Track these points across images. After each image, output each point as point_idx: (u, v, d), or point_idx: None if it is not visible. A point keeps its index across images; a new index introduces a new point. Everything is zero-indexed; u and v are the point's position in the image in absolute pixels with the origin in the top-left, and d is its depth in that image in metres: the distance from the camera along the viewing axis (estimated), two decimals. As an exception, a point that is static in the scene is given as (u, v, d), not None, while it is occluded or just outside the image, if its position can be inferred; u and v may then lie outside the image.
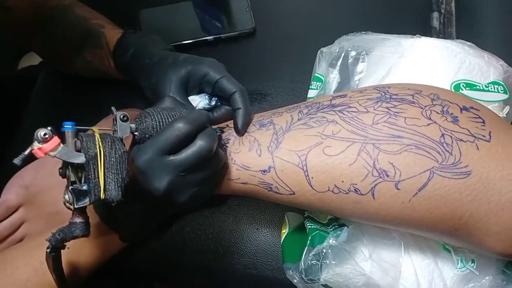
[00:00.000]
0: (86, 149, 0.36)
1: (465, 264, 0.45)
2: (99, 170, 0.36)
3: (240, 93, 0.48)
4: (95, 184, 0.36)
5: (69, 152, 0.35)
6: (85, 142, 0.36)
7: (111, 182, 0.36)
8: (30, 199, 0.54)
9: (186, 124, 0.39)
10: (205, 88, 0.51)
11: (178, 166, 0.39)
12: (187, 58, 0.52)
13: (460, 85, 0.49)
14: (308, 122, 0.43)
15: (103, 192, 0.36)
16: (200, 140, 0.39)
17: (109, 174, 0.36)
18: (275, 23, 0.73)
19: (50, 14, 0.63)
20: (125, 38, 0.59)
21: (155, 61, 0.53)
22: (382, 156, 0.38)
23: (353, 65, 0.55)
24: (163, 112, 0.41)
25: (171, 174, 0.39)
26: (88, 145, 0.36)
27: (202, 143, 0.39)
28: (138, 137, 0.40)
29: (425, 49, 0.52)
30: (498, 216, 0.37)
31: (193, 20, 0.74)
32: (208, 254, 0.58)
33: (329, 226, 0.49)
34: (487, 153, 0.37)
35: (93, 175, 0.36)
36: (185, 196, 0.41)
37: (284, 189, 0.42)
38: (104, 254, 0.50)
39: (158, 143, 0.38)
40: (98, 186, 0.36)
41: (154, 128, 0.40)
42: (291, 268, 0.48)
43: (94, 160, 0.36)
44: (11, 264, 0.47)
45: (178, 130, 0.38)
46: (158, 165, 0.38)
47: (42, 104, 0.73)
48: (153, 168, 0.38)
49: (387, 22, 0.70)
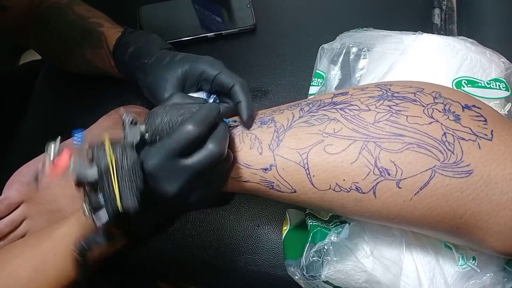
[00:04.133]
0: (97, 160, 0.35)
1: (466, 261, 0.45)
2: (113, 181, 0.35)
3: (240, 86, 0.47)
4: (110, 195, 0.35)
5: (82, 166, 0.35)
6: (96, 152, 0.35)
7: (126, 191, 0.35)
8: (31, 196, 0.55)
9: (195, 126, 0.38)
10: (203, 86, 0.51)
11: (189, 171, 0.38)
12: (184, 57, 0.51)
13: (461, 82, 0.49)
14: (310, 120, 0.43)
15: (119, 202, 0.35)
16: (212, 143, 0.38)
17: (123, 183, 0.35)
18: (276, 19, 0.73)
19: (47, 13, 0.63)
20: (124, 38, 0.58)
21: (153, 60, 0.53)
22: (383, 154, 0.38)
23: (355, 62, 0.55)
24: (172, 111, 0.40)
25: (182, 177, 0.38)
26: (99, 157, 0.35)
27: (213, 148, 0.38)
28: (148, 139, 0.40)
29: (426, 46, 0.52)
30: (499, 215, 0.37)
31: (193, 16, 0.74)
32: (210, 251, 0.58)
33: (331, 223, 0.49)
34: (489, 152, 0.37)
35: (108, 187, 0.35)
36: (194, 198, 0.41)
37: (285, 187, 0.42)
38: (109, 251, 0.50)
39: (168, 146, 0.37)
40: (113, 198, 0.35)
41: (164, 130, 0.39)
42: (293, 265, 0.48)
43: (107, 171, 0.35)
44: (11, 263, 0.46)
45: (188, 133, 0.37)
46: (168, 169, 0.38)
47: (44, 99, 0.73)
48: (163, 172, 0.38)
49: (389, 18, 0.70)
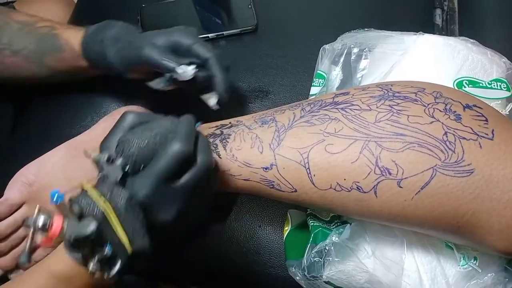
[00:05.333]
0: (91, 211, 0.32)
1: (468, 261, 0.45)
2: (116, 226, 0.32)
3: (215, 59, 0.47)
4: (118, 242, 0.32)
5: (77, 225, 0.31)
6: (85, 203, 0.32)
7: (132, 232, 0.33)
8: (33, 196, 0.54)
9: (185, 145, 0.36)
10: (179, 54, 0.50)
11: (184, 193, 0.37)
12: (157, 31, 0.51)
13: (463, 82, 0.49)
14: (311, 120, 0.43)
15: (129, 246, 0.32)
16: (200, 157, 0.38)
17: (126, 225, 0.32)
18: (277, 20, 0.73)
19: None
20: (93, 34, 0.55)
21: (129, 40, 0.52)
22: (384, 154, 0.38)
23: (356, 62, 0.55)
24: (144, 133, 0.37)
25: (177, 202, 0.37)
26: (89, 206, 0.32)
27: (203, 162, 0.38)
28: (129, 171, 0.36)
29: (428, 46, 0.52)
30: (500, 214, 0.37)
31: (194, 17, 0.74)
32: (210, 251, 0.58)
33: (332, 223, 0.49)
34: (490, 151, 0.37)
35: (113, 234, 0.32)
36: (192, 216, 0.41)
37: (286, 186, 0.42)
38: None
39: (158, 171, 0.35)
40: (122, 244, 0.32)
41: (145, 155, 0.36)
42: (294, 265, 0.48)
43: (105, 219, 0.32)
44: None
45: (179, 154, 0.36)
46: (162, 196, 0.36)
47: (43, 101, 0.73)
48: (157, 201, 0.36)
49: (390, 19, 0.70)
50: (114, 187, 0.34)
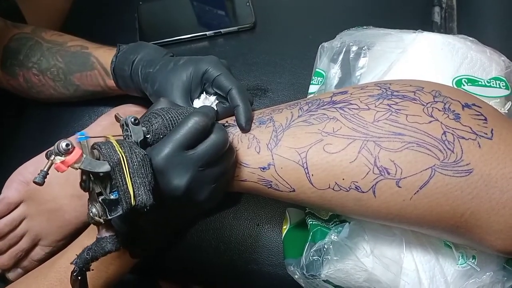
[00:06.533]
0: (107, 156, 0.34)
1: (466, 260, 0.45)
2: (126, 176, 0.34)
3: (237, 90, 0.47)
4: (125, 191, 0.34)
5: (92, 162, 0.33)
6: (105, 149, 0.35)
7: (139, 187, 0.35)
8: (30, 195, 0.54)
9: (202, 117, 0.39)
10: (206, 86, 0.51)
11: (198, 161, 0.38)
12: (187, 60, 0.52)
13: (462, 81, 0.49)
14: (309, 119, 0.43)
15: (133, 198, 0.34)
16: (215, 133, 0.40)
17: (135, 179, 0.35)
18: (276, 17, 0.73)
19: (15, 45, 0.61)
20: (123, 54, 0.57)
21: (158, 68, 0.53)
22: (383, 153, 0.38)
23: (355, 60, 0.55)
24: (171, 111, 0.41)
25: (191, 169, 0.38)
26: (109, 152, 0.34)
27: (219, 136, 0.39)
28: (150, 139, 0.40)
29: (427, 44, 0.52)
30: (499, 214, 0.36)
31: (192, 14, 0.73)
32: (209, 249, 0.58)
33: (331, 222, 0.49)
34: (489, 151, 0.37)
35: (121, 182, 0.34)
36: (204, 194, 0.41)
37: (284, 186, 0.42)
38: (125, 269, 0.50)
39: (176, 138, 0.38)
40: (128, 193, 0.34)
41: (167, 127, 0.40)
42: (292, 264, 0.48)
43: (119, 166, 0.34)
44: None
45: (196, 124, 0.38)
46: (177, 162, 0.38)
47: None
48: (172, 165, 0.38)
49: (389, 16, 0.69)
50: (133, 145, 0.37)
